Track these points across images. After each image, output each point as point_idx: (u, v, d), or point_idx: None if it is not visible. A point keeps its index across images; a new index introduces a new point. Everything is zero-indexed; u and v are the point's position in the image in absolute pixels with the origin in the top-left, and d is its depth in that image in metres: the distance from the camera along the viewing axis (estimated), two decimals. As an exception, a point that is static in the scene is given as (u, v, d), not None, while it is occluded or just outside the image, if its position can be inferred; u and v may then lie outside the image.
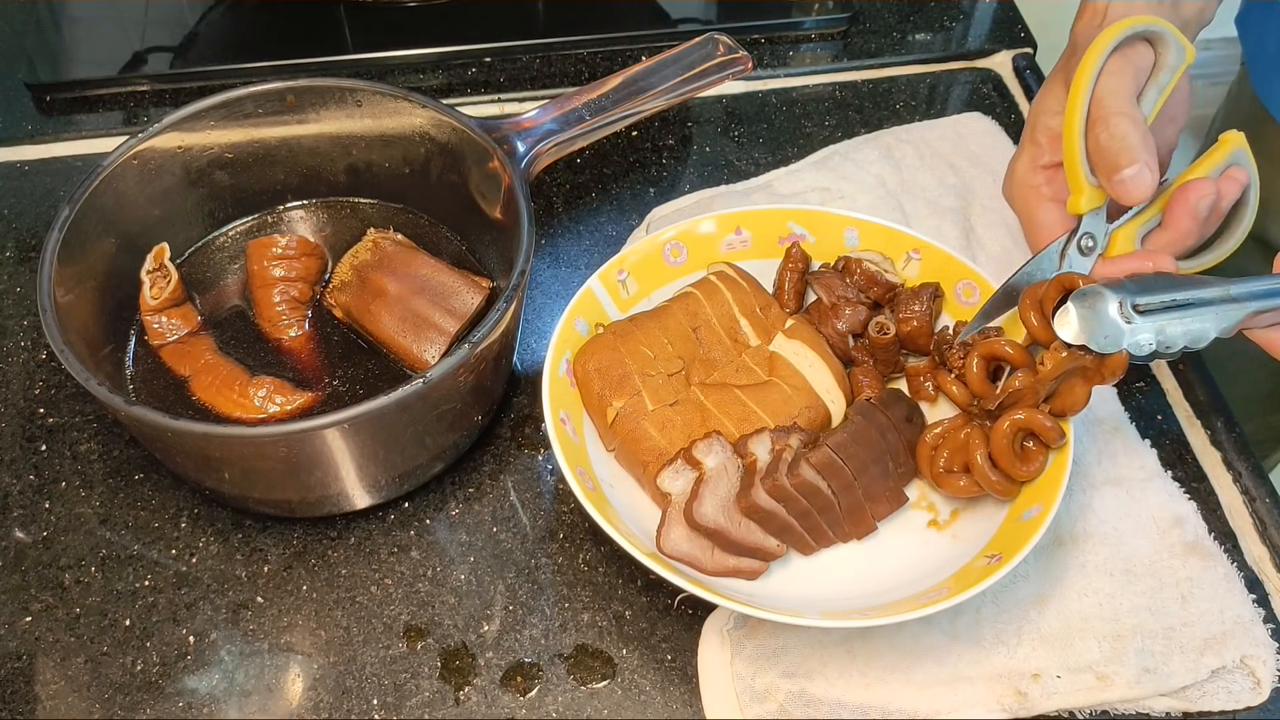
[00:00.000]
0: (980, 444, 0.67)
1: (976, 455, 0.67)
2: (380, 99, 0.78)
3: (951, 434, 0.69)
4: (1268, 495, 0.75)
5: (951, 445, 0.69)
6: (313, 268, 0.78)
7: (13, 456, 0.75)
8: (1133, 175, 0.66)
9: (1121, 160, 0.66)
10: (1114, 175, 0.66)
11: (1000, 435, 0.66)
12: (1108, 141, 0.66)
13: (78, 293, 0.70)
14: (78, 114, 0.94)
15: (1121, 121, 0.66)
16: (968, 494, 0.69)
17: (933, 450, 0.70)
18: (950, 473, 0.69)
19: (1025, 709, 0.65)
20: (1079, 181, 0.68)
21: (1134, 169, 0.65)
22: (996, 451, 0.67)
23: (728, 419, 0.71)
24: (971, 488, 0.68)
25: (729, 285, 0.77)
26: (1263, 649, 0.67)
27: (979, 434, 0.68)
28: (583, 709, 0.66)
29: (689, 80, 0.82)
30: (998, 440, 0.67)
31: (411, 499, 0.74)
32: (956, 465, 0.69)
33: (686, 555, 0.66)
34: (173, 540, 0.71)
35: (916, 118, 0.97)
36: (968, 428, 0.68)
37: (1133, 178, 0.66)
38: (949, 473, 0.69)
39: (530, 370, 0.80)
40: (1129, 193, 0.66)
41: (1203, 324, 0.63)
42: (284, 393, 0.72)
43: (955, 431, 0.69)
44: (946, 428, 0.70)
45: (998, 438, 0.67)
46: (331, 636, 0.68)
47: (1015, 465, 0.67)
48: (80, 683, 0.66)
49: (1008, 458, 0.67)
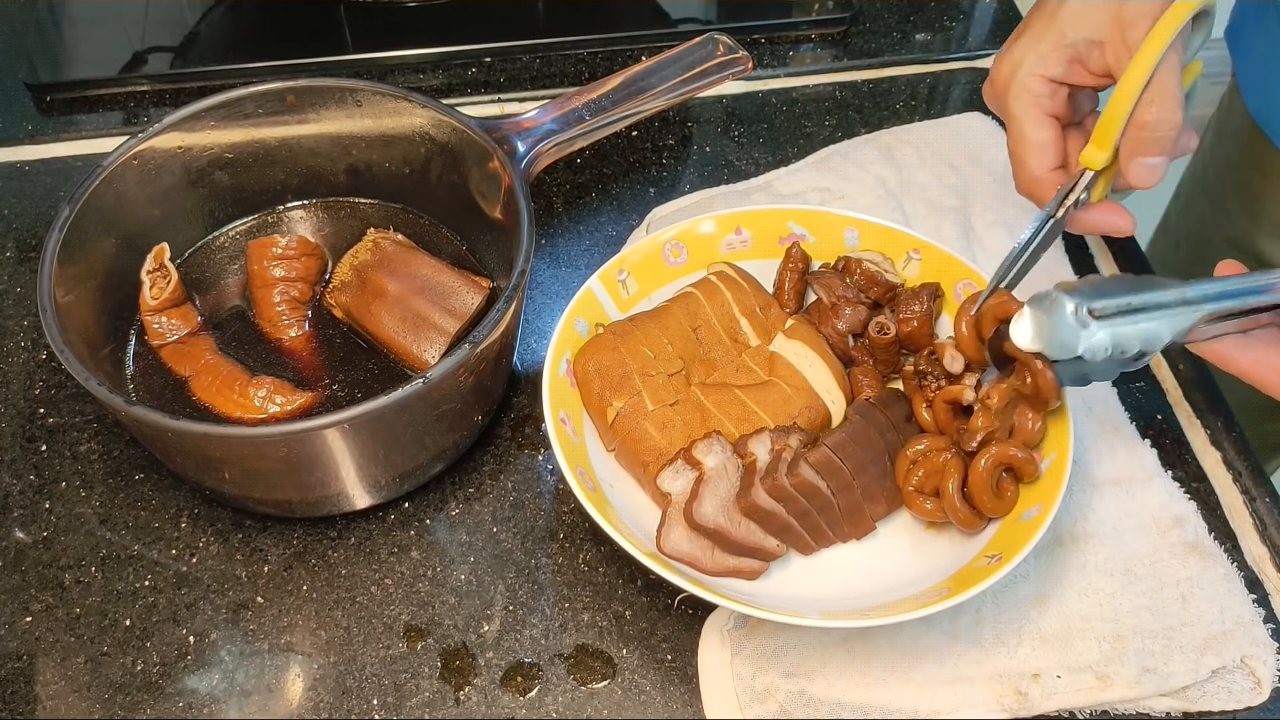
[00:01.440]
0: (955, 473, 0.67)
1: (949, 484, 0.67)
2: (380, 99, 0.78)
3: (930, 455, 0.69)
4: (1268, 495, 0.75)
5: (927, 467, 0.69)
6: (313, 268, 0.78)
7: (13, 456, 0.75)
8: (1156, 165, 0.64)
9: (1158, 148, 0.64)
10: (1140, 156, 0.64)
11: (979, 472, 0.67)
12: (1158, 121, 0.64)
13: (78, 293, 0.70)
14: (78, 114, 0.94)
15: (1179, 112, 0.63)
16: (932, 518, 0.69)
17: (910, 466, 0.70)
18: (920, 493, 0.69)
19: (1025, 709, 0.65)
20: (1110, 140, 0.66)
21: (1159, 160, 0.64)
22: (974, 485, 0.67)
23: (728, 419, 0.71)
24: (937, 512, 0.68)
25: (729, 285, 0.77)
26: (1263, 649, 0.67)
27: (955, 463, 0.68)
28: (583, 709, 0.66)
29: (689, 80, 0.82)
30: (976, 476, 0.67)
31: (411, 499, 0.74)
32: (928, 487, 0.69)
33: (686, 555, 0.66)
34: (173, 540, 0.71)
35: (916, 118, 0.97)
36: (947, 453, 0.69)
37: (1155, 166, 0.64)
38: (919, 493, 0.69)
39: (530, 370, 0.80)
40: (1142, 178, 0.65)
41: (1157, 326, 0.62)
42: (284, 393, 0.72)
43: (934, 454, 0.69)
44: (927, 448, 0.70)
45: (976, 474, 0.67)
46: (331, 636, 0.68)
47: (990, 501, 0.67)
48: (80, 683, 0.66)
49: (986, 493, 0.67)
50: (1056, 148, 0.69)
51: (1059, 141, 0.69)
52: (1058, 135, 0.69)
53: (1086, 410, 0.77)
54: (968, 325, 0.69)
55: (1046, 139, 0.69)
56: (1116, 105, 0.65)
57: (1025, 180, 0.71)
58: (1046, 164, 0.69)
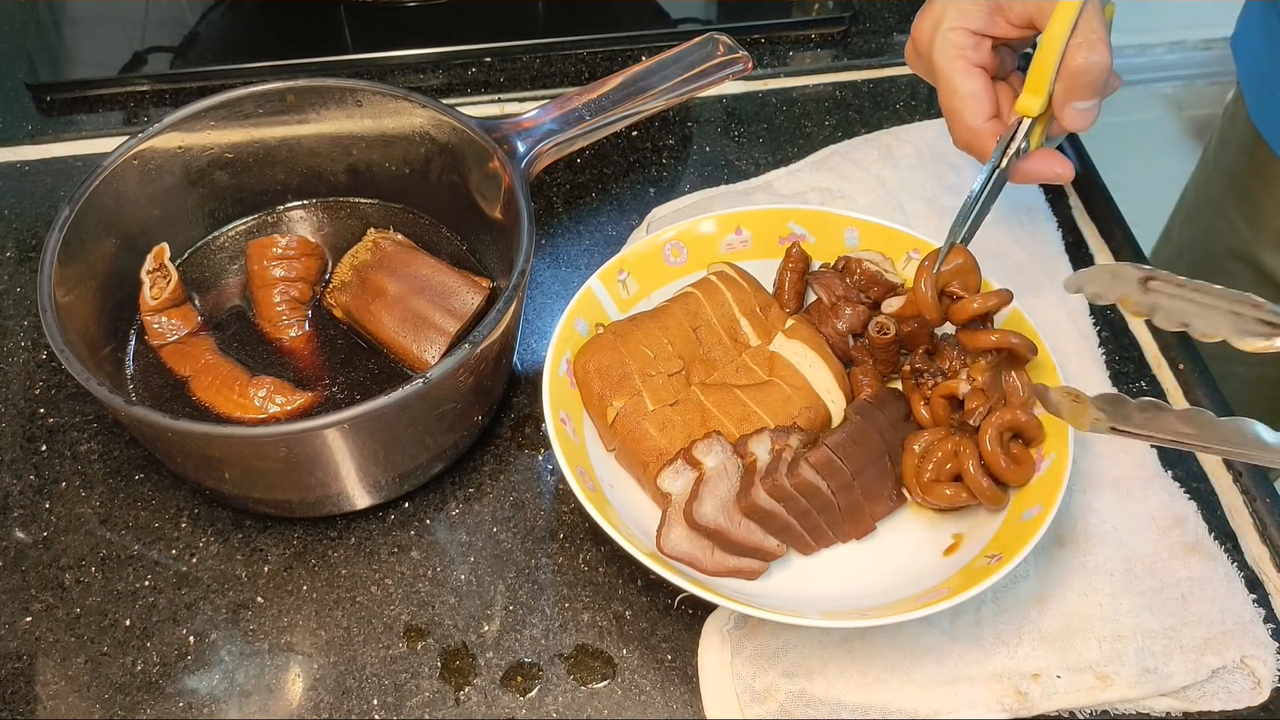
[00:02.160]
0: (971, 454, 0.68)
1: (969, 465, 0.68)
2: (380, 99, 0.78)
3: (938, 444, 0.70)
4: (1268, 495, 0.75)
5: (938, 455, 0.69)
6: (313, 268, 0.78)
7: (13, 456, 0.75)
8: (1089, 108, 0.65)
9: (1091, 91, 0.65)
10: (1074, 101, 0.65)
11: (988, 440, 0.67)
12: (1087, 65, 0.65)
13: (78, 293, 0.70)
14: (78, 114, 0.94)
15: (1107, 54, 0.65)
16: (953, 503, 0.69)
17: (919, 460, 0.70)
18: (937, 482, 0.69)
19: (1025, 709, 0.65)
20: (1043, 86, 0.67)
21: (1092, 102, 0.65)
22: (988, 457, 0.67)
23: (728, 419, 0.71)
24: (958, 496, 0.68)
25: (729, 285, 0.77)
26: (1263, 649, 0.67)
27: (968, 444, 0.68)
28: (583, 709, 0.66)
29: (689, 80, 0.82)
30: (987, 445, 0.67)
31: (411, 499, 0.74)
32: (944, 475, 0.69)
33: (686, 555, 0.66)
34: (173, 540, 0.71)
35: (916, 118, 0.97)
36: (954, 438, 0.69)
37: (1088, 110, 0.65)
38: (936, 482, 0.69)
39: (530, 370, 0.80)
40: (1079, 122, 0.66)
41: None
42: (284, 393, 0.72)
43: (941, 442, 0.69)
44: (932, 438, 0.70)
45: (986, 442, 0.67)
46: (332, 636, 0.68)
47: (1008, 469, 0.67)
48: (80, 683, 0.66)
49: (1000, 461, 0.67)
50: (989, 95, 0.70)
51: (990, 90, 0.70)
52: (988, 84, 0.70)
53: (1086, 410, 0.77)
54: (928, 284, 0.70)
55: (977, 87, 0.70)
56: (1046, 51, 0.67)
57: (962, 133, 0.72)
58: (981, 114, 0.70)
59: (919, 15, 0.72)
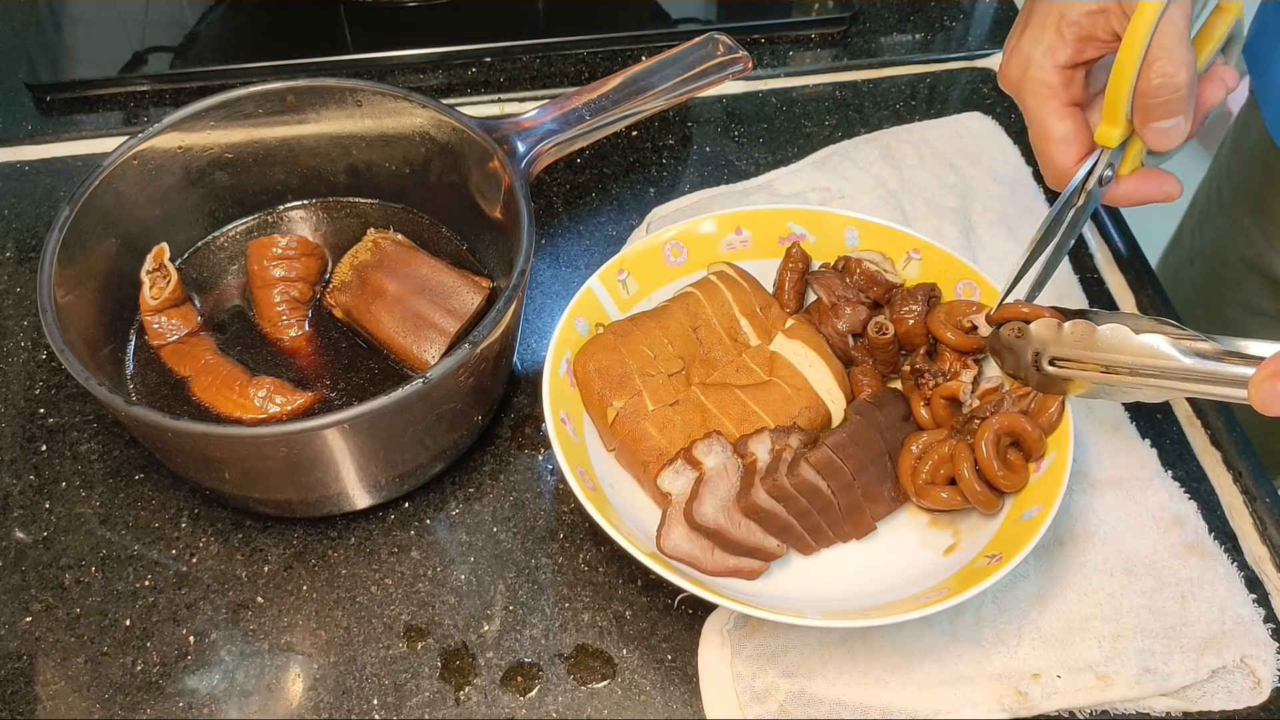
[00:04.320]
0: (966, 457, 0.68)
1: (963, 469, 0.68)
2: (380, 99, 0.78)
3: (935, 447, 0.70)
4: (1268, 495, 0.75)
5: (934, 457, 0.69)
6: (313, 268, 0.78)
7: (13, 456, 0.75)
8: (1171, 127, 0.63)
9: (1166, 111, 0.63)
10: (1153, 122, 0.63)
11: (984, 445, 0.67)
12: (1160, 86, 0.62)
13: (78, 293, 0.70)
14: (78, 114, 0.94)
15: (1182, 71, 0.62)
16: (948, 506, 0.69)
17: (915, 461, 0.70)
18: (932, 484, 0.69)
19: (1025, 709, 0.65)
20: (1119, 115, 0.65)
21: (1174, 121, 0.63)
22: (982, 462, 0.67)
23: (728, 419, 0.71)
24: (953, 500, 0.68)
25: (729, 285, 0.77)
26: (1263, 649, 0.67)
27: (964, 448, 0.68)
28: (583, 709, 0.66)
29: (689, 80, 0.82)
30: (983, 450, 0.67)
31: (411, 499, 0.74)
32: (939, 478, 0.69)
33: (686, 555, 0.66)
34: (173, 540, 0.71)
35: (916, 118, 0.97)
36: (951, 441, 0.69)
37: (1171, 129, 0.63)
38: (931, 484, 0.69)
39: (530, 370, 0.80)
40: (1163, 143, 0.63)
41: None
42: (284, 393, 0.72)
43: (939, 445, 0.70)
44: (929, 440, 0.70)
45: (982, 448, 0.67)
46: (332, 636, 0.68)
47: (1001, 474, 0.67)
48: (80, 683, 0.66)
49: (994, 467, 0.67)
50: (1080, 138, 0.68)
51: (1082, 130, 0.68)
52: (1080, 124, 0.68)
53: (1087, 410, 0.77)
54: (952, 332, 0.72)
55: (1068, 131, 0.67)
56: (1119, 76, 0.64)
57: (1053, 175, 0.69)
58: (1072, 157, 0.68)
59: (1007, 51, 0.69)
